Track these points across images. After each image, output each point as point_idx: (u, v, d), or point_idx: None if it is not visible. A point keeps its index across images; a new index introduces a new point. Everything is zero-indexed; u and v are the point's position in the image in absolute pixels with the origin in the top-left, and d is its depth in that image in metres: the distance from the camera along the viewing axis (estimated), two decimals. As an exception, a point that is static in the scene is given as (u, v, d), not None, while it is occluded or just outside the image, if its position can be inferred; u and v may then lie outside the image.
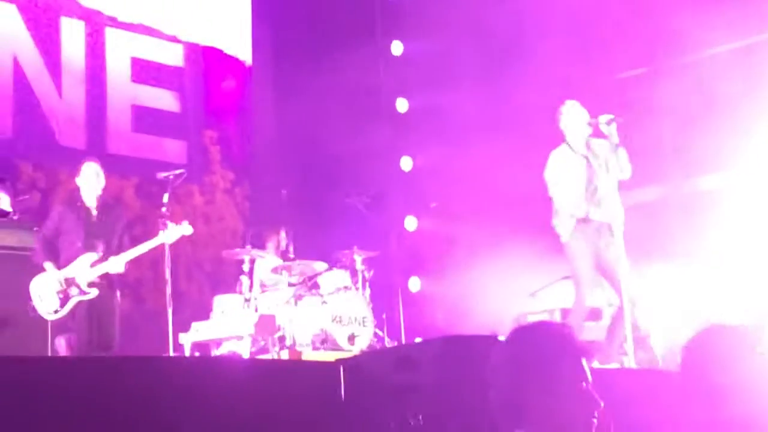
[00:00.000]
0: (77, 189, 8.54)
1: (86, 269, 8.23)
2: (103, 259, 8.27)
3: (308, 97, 12.11)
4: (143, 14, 11.65)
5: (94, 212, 8.45)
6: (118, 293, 8.45)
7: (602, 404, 2.72)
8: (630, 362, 7.90)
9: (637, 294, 8.05)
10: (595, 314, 8.96)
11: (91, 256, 8.25)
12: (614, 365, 7.88)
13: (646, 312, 9.93)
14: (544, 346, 2.72)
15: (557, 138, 8.29)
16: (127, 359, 6.04)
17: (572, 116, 8.17)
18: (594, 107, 8.34)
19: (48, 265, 8.25)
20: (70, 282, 8.20)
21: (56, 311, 8.19)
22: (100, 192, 8.51)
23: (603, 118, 8.01)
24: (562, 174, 8.12)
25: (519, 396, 2.68)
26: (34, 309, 8.21)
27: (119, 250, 8.40)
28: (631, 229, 8.24)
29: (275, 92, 12.86)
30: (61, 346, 8.17)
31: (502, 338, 3.00)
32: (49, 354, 8.24)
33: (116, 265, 8.31)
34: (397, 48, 13.08)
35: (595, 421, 2.70)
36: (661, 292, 10.30)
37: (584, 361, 2.72)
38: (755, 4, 10.21)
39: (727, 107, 10.17)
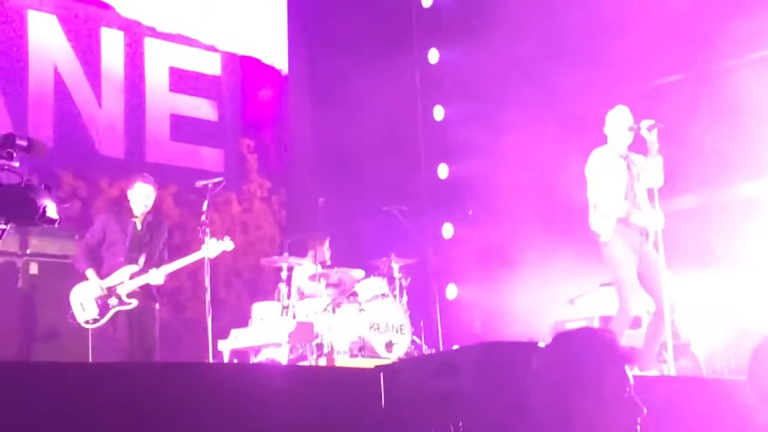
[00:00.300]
0: (126, 200, 8.60)
1: (126, 280, 8.29)
2: (144, 271, 8.33)
3: (345, 106, 12.14)
4: (181, 24, 11.75)
5: (140, 226, 8.51)
6: (157, 304, 8.49)
7: (645, 410, 2.71)
8: (670, 370, 7.83)
9: (676, 301, 7.98)
10: (635, 322, 8.88)
11: (132, 268, 8.31)
12: (653, 372, 7.80)
13: (686, 319, 9.88)
14: (588, 352, 2.71)
15: (597, 144, 8.23)
16: (166, 365, 6.08)
17: (618, 121, 8.11)
18: (635, 113, 8.29)
19: (90, 273, 8.32)
20: (110, 292, 8.26)
21: (95, 320, 8.25)
22: (149, 208, 8.57)
23: (644, 124, 7.96)
24: (603, 172, 8.01)
25: (563, 402, 2.67)
26: (73, 317, 8.28)
27: (160, 262, 8.45)
28: (671, 236, 8.18)
29: (312, 101, 12.92)
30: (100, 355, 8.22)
31: (542, 345, 3.00)
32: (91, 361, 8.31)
33: (157, 276, 8.36)
34: (433, 56, 13.09)
35: (638, 427, 2.68)
36: (701, 300, 10.23)
37: (627, 368, 2.71)
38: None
39: (766, 112, 10.09)
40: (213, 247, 8.51)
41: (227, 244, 8.64)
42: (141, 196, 8.51)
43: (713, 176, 10.86)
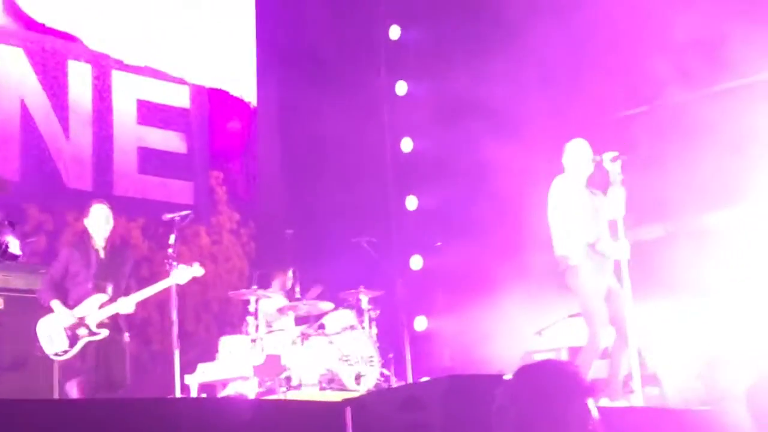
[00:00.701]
0: (86, 230, 8.55)
1: (95, 310, 8.22)
2: (112, 300, 8.27)
3: (313, 138, 12.19)
4: (149, 57, 11.75)
5: (102, 253, 8.45)
6: (127, 334, 8.44)
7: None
8: (638, 400, 7.85)
9: (643, 331, 8.00)
10: (603, 352, 8.90)
11: (101, 297, 8.24)
12: (622, 403, 7.81)
13: (653, 349, 9.92)
14: (551, 385, 2.72)
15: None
16: (133, 401, 6.04)
17: (577, 153, 8.16)
18: (601, 143, 8.35)
19: (55, 304, 8.23)
20: (79, 322, 8.19)
21: (65, 351, 8.17)
22: (108, 234, 8.52)
23: (607, 156, 8.01)
24: (568, 198, 8.01)
25: (528, 434, 2.69)
26: (41, 349, 8.20)
27: (128, 291, 8.40)
28: (637, 266, 8.22)
29: (280, 133, 12.93)
30: (72, 390, 8.13)
31: (508, 377, 3.01)
32: (57, 396, 8.24)
33: (127, 305, 8.31)
34: (401, 88, 13.15)
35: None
36: (669, 329, 10.28)
37: (590, 401, 2.72)
38: (755, 44, 10.24)
39: (731, 144, 10.19)
40: (182, 273, 8.47)
41: (197, 270, 8.62)
42: (100, 219, 8.44)
43: (679, 206, 10.94)
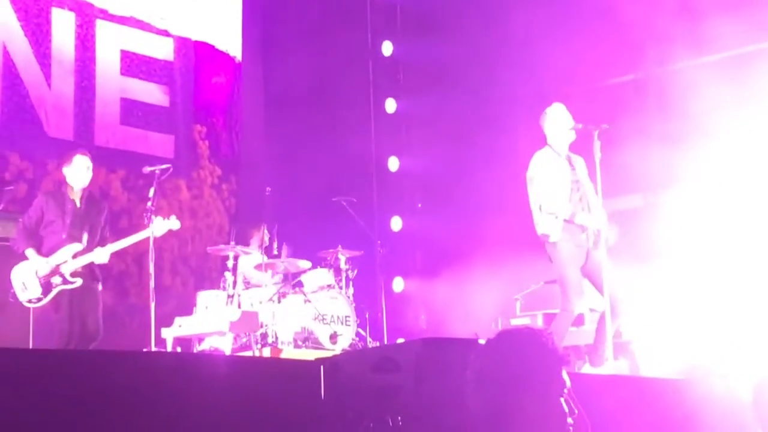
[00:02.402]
0: (64, 179, 8.51)
1: (70, 259, 8.21)
2: (87, 250, 8.25)
3: (297, 95, 12.13)
4: (134, 7, 11.63)
5: (79, 203, 8.42)
6: (100, 284, 8.43)
7: (576, 411, 2.74)
8: (611, 368, 7.91)
9: (619, 300, 8.03)
10: (577, 320, 8.95)
11: (75, 246, 8.22)
12: (604, 369, 7.85)
13: (629, 318, 9.99)
14: (524, 352, 2.74)
15: (545, 141, 8.27)
16: (106, 353, 6.04)
17: (556, 119, 8.13)
18: (582, 112, 8.34)
19: (30, 252, 8.21)
20: (53, 270, 8.17)
21: (39, 299, 8.16)
22: (86, 184, 8.49)
23: (587, 125, 8.00)
24: (547, 174, 8.02)
25: (498, 401, 2.70)
26: (15, 296, 8.19)
27: (102, 242, 8.38)
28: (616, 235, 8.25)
29: (265, 89, 12.86)
30: (40, 334, 8.15)
31: (482, 342, 3.01)
32: (32, 343, 8.23)
33: (102, 255, 8.29)
34: (387, 48, 13.08)
35: (571, 428, 2.72)
36: (645, 299, 10.35)
37: (563, 369, 2.74)
38: (741, 16, 10.25)
39: (711, 116, 10.22)
40: (159, 225, 8.46)
41: (173, 223, 8.60)
42: (81, 169, 8.40)
43: (658, 176, 10.98)
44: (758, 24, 10.24)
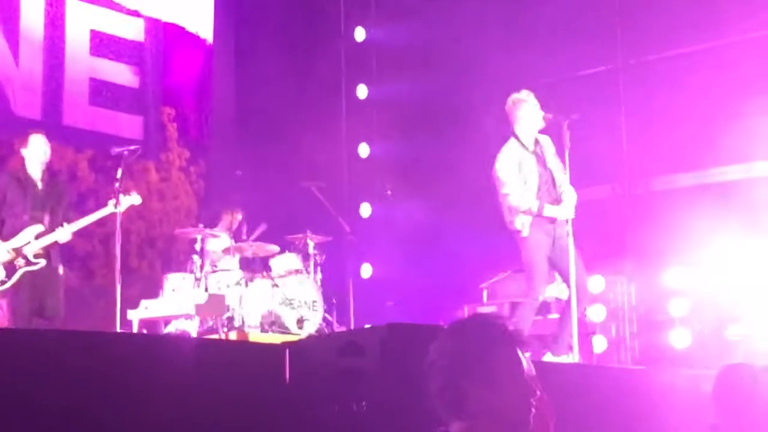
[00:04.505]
0: (22, 160, 8.45)
1: (32, 240, 8.15)
2: (49, 231, 8.20)
3: (268, 79, 12.08)
4: (105, -13, 11.54)
5: (40, 184, 8.37)
6: (62, 266, 8.38)
7: (538, 393, 2.75)
8: (575, 358, 7.96)
9: (583, 288, 8.07)
10: (543, 308, 8.99)
11: (37, 228, 8.17)
12: (564, 358, 7.91)
13: (595, 308, 10.06)
14: (477, 338, 2.75)
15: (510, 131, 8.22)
16: (71, 333, 6.01)
17: (524, 106, 8.06)
18: (554, 102, 8.34)
19: (-8, 237, 8.17)
20: (16, 252, 8.11)
21: (2, 282, 8.10)
22: (45, 165, 8.42)
23: (558, 115, 8.00)
24: (514, 172, 7.97)
25: (455, 387, 2.71)
26: None
27: (63, 222, 8.32)
28: (585, 226, 8.28)
29: (235, 72, 12.80)
30: (3, 318, 8.09)
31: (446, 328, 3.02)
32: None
33: (63, 234, 8.23)
34: (359, 34, 13.06)
35: (533, 409, 2.72)
36: (612, 289, 10.42)
37: (519, 352, 2.75)
38: (718, 9, 10.30)
39: (687, 106, 10.28)
40: (121, 201, 8.39)
41: (135, 199, 8.57)
42: (38, 150, 8.35)
43: (628, 168, 11.04)
44: (730, 16, 10.29)
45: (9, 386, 4.47)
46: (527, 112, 8.03)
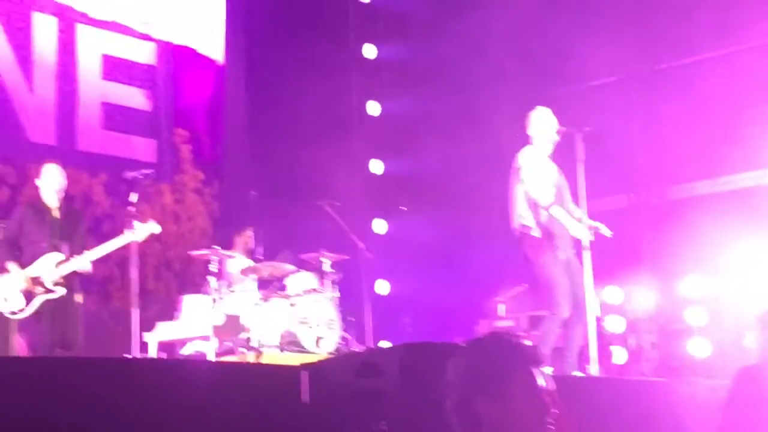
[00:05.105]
0: (38, 189, 8.48)
1: (51, 268, 8.17)
2: (68, 259, 8.21)
3: (280, 99, 12.11)
4: (115, 11, 11.58)
5: (57, 213, 8.39)
6: (81, 295, 8.38)
7: (556, 411, 2.73)
8: (594, 370, 7.91)
9: (601, 303, 8.04)
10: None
11: (57, 256, 8.19)
12: (577, 373, 7.84)
13: (612, 320, 10.02)
14: (493, 355, 2.75)
15: (527, 142, 8.22)
16: (90, 360, 6.01)
17: (542, 122, 8.11)
18: (566, 114, 8.33)
19: (11, 266, 8.17)
20: (35, 281, 8.13)
21: (21, 310, 8.11)
22: (61, 194, 8.45)
23: (571, 128, 7.99)
24: (536, 165, 7.96)
25: (472, 406, 2.70)
26: None
27: (82, 250, 8.34)
28: (599, 237, 8.24)
29: (247, 93, 12.81)
30: (21, 345, 8.09)
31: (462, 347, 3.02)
32: (15, 354, 8.18)
33: (83, 263, 8.26)
34: (370, 51, 13.09)
35: (549, 427, 2.71)
36: (628, 300, 10.38)
37: (536, 370, 2.74)
38: (731, 16, 10.28)
39: (702, 115, 10.25)
40: (140, 230, 8.42)
41: (154, 227, 8.57)
42: (52, 180, 8.37)
43: (644, 177, 11.01)
44: (743, 23, 10.27)
45: (28, 413, 4.48)
46: (542, 128, 8.06)
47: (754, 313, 4.75)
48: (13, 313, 8.12)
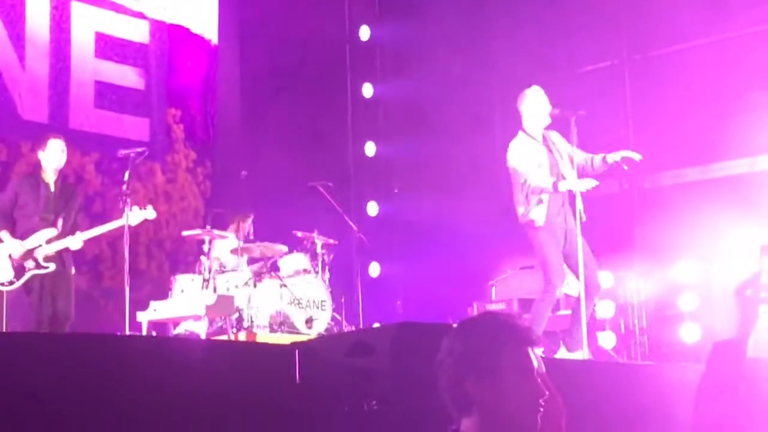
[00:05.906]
0: (38, 163, 8.47)
1: (43, 243, 8.17)
2: (61, 235, 8.22)
3: (273, 79, 12.08)
4: (109, -11, 11.53)
5: (53, 188, 8.39)
6: (73, 269, 8.40)
7: (547, 393, 2.73)
8: (585, 354, 7.93)
9: (593, 284, 8.03)
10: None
11: (50, 231, 8.19)
12: (579, 354, 7.85)
13: (605, 303, 10.04)
14: (485, 336, 2.73)
15: (519, 127, 8.21)
16: (81, 336, 6.01)
17: (534, 101, 8.07)
18: (559, 98, 8.31)
19: (4, 234, 8.18)
20: (27, 254, 8.13)
21: (11, 282, 8.12)
22: (60, 168, 8.47)
23: (565, 110, 7.97)
24: (527, 156, 7.96)
25: (464, 386, 2.70)
26: None
27: (75, 227, 8.35)
28: (593, 221, 8.24)
29: (241, 73, 12.78)
30: (16, 323, 8.10)
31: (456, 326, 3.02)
32: (5, 327, 8.18)
33: (75, 242, 8.27)
34: (364, 33, 13.06)
35: (541, 409, 2.70)
36: (622, 285, 10.40)
37: (529, 350, 2.73)
38: (723, 2, 10.28)
39: (694, 102, 10.26)
40: (135, 215, 8.44)
41: (149, 213, 8.59)
42: (56, 153, 8.40)
43: (635, 163, 11.01)
44: (734, 10, 10.27)
45: (19, 389, 4.47)
46: (534, 106, 8.03)
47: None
48: (2, 284, 8.12)
